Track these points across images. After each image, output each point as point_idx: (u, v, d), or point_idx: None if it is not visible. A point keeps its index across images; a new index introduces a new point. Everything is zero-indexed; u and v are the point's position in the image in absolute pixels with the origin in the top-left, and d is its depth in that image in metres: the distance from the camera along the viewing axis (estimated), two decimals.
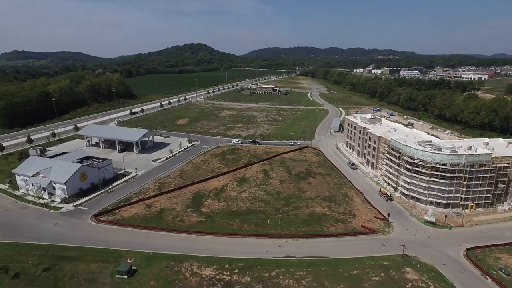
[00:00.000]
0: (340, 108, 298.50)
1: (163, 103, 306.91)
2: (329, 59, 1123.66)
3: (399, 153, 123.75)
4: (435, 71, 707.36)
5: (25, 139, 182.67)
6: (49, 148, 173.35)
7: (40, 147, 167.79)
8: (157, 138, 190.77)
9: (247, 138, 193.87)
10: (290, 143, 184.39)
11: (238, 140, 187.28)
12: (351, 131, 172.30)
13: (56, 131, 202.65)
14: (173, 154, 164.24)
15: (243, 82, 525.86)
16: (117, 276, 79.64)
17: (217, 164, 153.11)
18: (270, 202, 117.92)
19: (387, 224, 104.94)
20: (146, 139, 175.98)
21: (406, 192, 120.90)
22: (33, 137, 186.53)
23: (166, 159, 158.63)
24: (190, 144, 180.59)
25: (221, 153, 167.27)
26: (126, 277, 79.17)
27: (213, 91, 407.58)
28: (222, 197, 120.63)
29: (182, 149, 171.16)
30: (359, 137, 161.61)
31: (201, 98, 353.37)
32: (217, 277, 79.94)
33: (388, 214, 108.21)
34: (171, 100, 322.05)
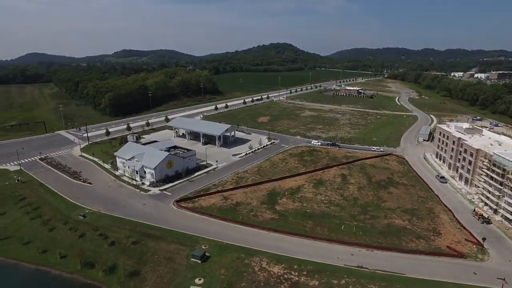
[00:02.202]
0: (432, 115, 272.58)
1: (246, 100, 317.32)
2: (422, 61, 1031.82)
3: (504, 170, 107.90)
4: None
5: (125, 126, 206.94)
6: (143, 136, 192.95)
7: (136, 135, 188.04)
8: (239, 134, 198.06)
9: (327, 140, 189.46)
10: (372, 149, 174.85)
11: (318, 142, 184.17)
12: (443, 141, 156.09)
13: (150, 121, 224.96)
14: (253, 150, 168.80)
15: (326, 83, 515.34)
16: (192, 259, 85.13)
17: (294, 164, 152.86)
18: (346, 208, 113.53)
19: (481, 250, 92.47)
20: (228, 134, 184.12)
21: (511, 217, 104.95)
22: (131, 125, 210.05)
23: (245, 154, 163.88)
24: (270, 142, 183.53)
25: (300, 153, 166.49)
26: (199, 261, 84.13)
27: (296, 91, 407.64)
28: (297, 197, 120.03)
29: (262, 146, 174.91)
30: (452, 148, 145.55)
31: (284, 97, 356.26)
32: (285, 276, 79.92)
33: (484, 239, 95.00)
34: (254, 98, 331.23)
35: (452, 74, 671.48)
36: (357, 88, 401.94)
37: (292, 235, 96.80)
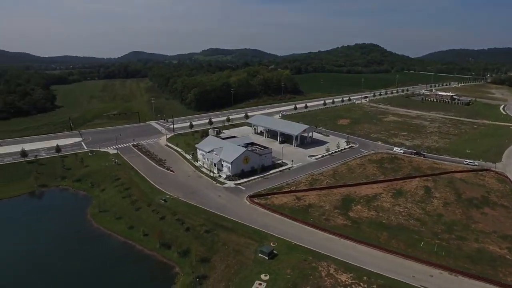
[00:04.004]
0: None
1: (326, 101, 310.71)
2: None
3: None
4: None
5: (207, 121, 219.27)
6: (223, 131, 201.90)
7: (217, 129, 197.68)
8: (316, 135, 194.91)
9: (411, 148, 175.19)
10: (464, 162, 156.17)
11: (401, 149, 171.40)
12: None
13: (230, 117, 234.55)
14: (330, 153, 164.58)
15: (415, 87, 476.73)
16: (259, 255, 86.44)
17: (373, 170, 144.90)
18: (427, 224, 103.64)
19: None
20: (305, 134, 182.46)
21: None
22: (213, 120, 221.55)
23: (322, 156, 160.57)
24: (348, 146, 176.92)
25: (379, 160, 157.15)
26: (267, 258, 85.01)
27: (380, 94, 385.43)
28: (373, 206, 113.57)
29: (339, 149, 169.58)
30: None
31: (366, 100, 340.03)
32: (353, 286, 76.30)
33: None
34: (334, 100, 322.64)
35: None
36: (451, 94, 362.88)
37: (364, 245, 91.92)
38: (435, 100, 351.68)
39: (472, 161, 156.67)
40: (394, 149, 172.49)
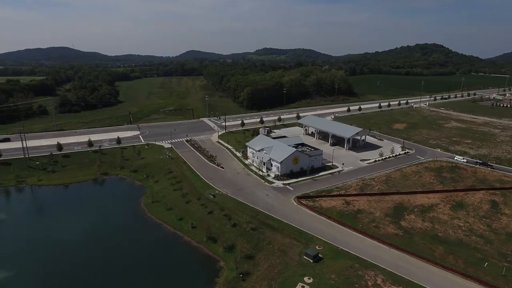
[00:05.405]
0: None
1: (382, 104, 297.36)
2: None
3: None
4: None
5: (258, 119, 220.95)
6: (274, 130, 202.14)
7: (267, 128, 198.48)
8: (369, 139, 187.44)
9: (476, 158, 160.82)
10: None
11: (463, 158, 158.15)
12: None
13: (281, 116, 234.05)
14: (383, 158, 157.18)
15: (483, 91, 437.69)
16: (304, 257, 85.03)
17: (430, 179, 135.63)
18: (493, 242, 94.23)
19: None
20: (358, 137, 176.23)
21: None
22: (264, 119, 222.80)
23: (374, 161, 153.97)
24: (403, 151, 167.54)
25: (438, 168, 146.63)
26: (311, 261, 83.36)
27: (442, 98, 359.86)
28: (428, 217, 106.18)
29: (394, 154, 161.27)
30: None
31: (425, 104, 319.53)
32: None
33: None
34: (391, 102, 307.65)
35: None
36: None
37: (417, 257, 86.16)
38: (509, 105, 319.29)
39: None
40: (455, 158, 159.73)
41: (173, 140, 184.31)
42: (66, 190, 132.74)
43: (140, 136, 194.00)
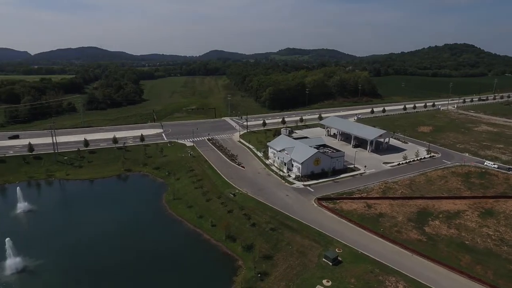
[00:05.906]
0: None
1: (407, 106, 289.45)
2: None
3: None
4: None
5: (280, 120, 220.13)
6: (296, 131, 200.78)
7: (289, 129, 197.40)
8: (393, 141, 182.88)
9: (509, 164, 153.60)
10: None
11: (494, 164, 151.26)
12: None
13: (304, 117, 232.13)
14: (407, 161, 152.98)
15: None
16: (323, 259, 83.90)
17: (457, 184, 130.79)
18: None
19: None
20: (381, 140, 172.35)
21: None
22: (286, 119, 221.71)
23: (398, 164, 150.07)
24: (429, 155, 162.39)
25: (466, 174, 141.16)
26: (330, 263, 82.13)
27: (471, 100, 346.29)
28: (454, 224, 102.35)
29: (418, 158, 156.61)
30: None
31: (453, 106, 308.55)
32: None
33: None
34: (416, 105, 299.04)
35: None
36: None
37: (441, 265, 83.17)
38: None
39: None
40: (485, 163, 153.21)
41: (195, 139, 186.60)
42: (92, 185, 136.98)
43: (163, 134, 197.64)
